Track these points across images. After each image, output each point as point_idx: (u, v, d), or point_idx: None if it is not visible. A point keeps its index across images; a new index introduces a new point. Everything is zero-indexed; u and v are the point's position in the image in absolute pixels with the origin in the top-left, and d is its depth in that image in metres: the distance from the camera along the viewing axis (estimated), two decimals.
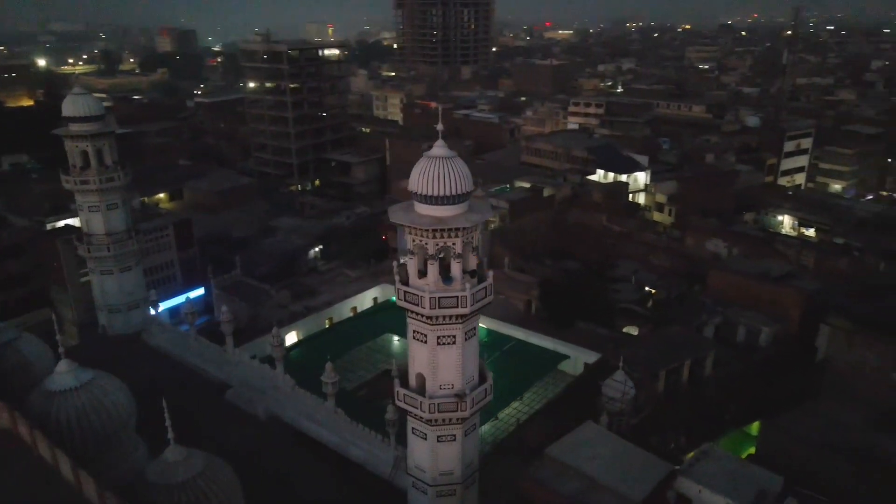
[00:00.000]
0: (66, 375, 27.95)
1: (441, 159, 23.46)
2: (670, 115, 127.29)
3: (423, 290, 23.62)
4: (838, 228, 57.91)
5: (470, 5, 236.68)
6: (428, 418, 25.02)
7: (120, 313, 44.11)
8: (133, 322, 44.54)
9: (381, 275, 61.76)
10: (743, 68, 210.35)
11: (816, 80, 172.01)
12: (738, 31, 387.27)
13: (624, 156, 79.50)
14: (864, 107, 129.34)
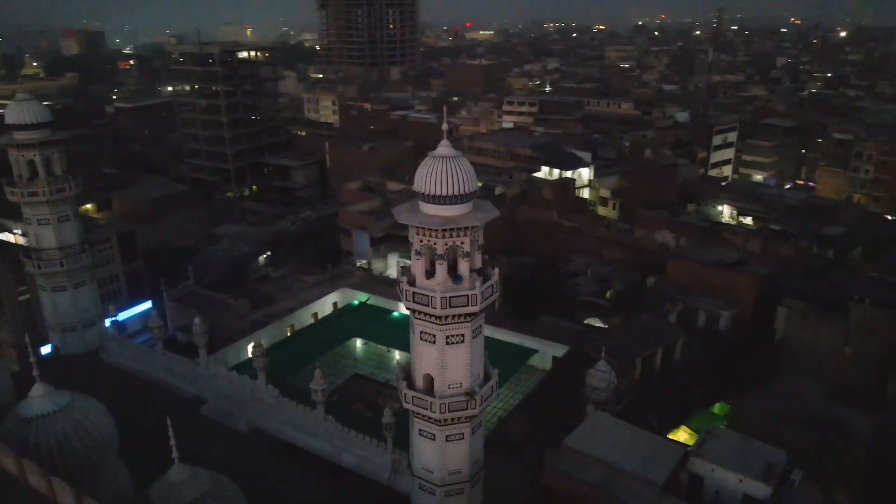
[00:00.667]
0: (42, 400, 26.44)
1: (447, 159, 23.55)
2: (600, 112, 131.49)
3: (433, 291, 23.60)
4: (773, 216, 61.64)
5: (395, 6, 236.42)
6: (438, 418, 25.04)
7: (75, 332, 41.69)
8: (89, 340, 42.19)
9: (340, 279, 61.05)
10: (661, 67, 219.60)
11: (729, 77, 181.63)
12: (651, 31, 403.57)
13: (567, 152, 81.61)
14: (776, 101, 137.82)
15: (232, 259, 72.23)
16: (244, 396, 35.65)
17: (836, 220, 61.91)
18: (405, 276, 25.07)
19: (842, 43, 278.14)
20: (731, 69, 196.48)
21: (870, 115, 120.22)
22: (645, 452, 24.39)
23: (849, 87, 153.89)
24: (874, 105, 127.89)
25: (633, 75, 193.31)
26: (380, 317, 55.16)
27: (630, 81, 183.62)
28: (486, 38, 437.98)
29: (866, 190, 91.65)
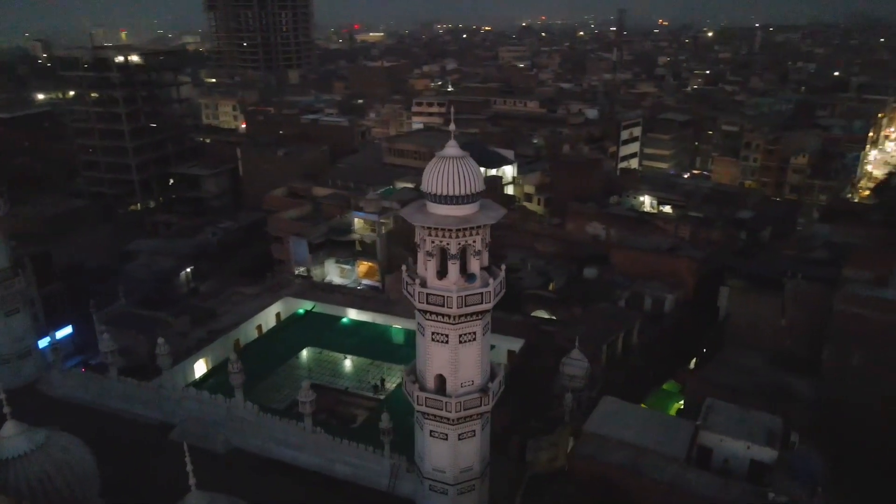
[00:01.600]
0: (17, 439, 24.27)
1: (455, 159, 23.77)
2: (508, 110, 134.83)
3: (449, 291, 23.72)
4: (691, 204, 66.15)
5: (288, 8, 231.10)
6: (453, 417, 25.19)
7: (8, 364, 38.02)
8: (25, 373, 38.63)
9: (280, 289, 59.30)
10: (554, 66, 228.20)
11: (620, 75, 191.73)
12: (538, 32, 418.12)
13: (491, 151, 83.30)
14: (665, 97, 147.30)
15: (154, 275, 68.41)
16: (219, 416, 34.03)
17: (744, 205, 67.27)
18: (412, 278, 24.98)
19: (711, 42, 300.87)
20: (620, 68, 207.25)
21: (748, 107, 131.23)
22: (659, 430, 25.78)
23: (726, 83, 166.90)
24: (750, 99, 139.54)
25: (530, 74, 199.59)
26: (329, 324, 54.23)
27: (528, 80, 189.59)
28: (377, 39, 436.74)
29: (756, 177, 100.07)
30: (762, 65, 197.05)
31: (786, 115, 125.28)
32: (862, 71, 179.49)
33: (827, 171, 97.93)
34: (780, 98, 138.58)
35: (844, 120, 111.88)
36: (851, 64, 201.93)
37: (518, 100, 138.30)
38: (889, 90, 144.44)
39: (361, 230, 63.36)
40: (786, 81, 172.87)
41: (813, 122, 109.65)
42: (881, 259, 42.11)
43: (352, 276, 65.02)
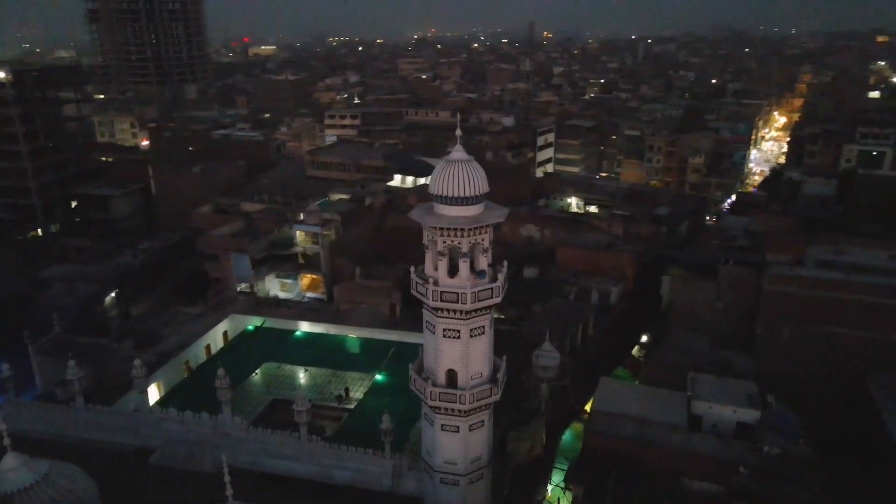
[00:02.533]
0: (20, 471, 23.46)
1: (463, 163, 25.10)
2: (420, 121, 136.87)
3: (463, 288, 24.97)
4: (615, 203, 70.69)
5: (179, 20, 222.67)
6: (467, 409, 26.40)
7: None
8: None
9: (224, 307, 58.04)
10: (455, 77, 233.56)
11: (520, 84, 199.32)
12: (434, 44, 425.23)
13: (418, 160, 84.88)
14: (567, 105, 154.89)
15: (77, 302, 64.77)
16: (203, 435, 33.30)
17: (660, 202, 72.64)
18: (423, 278, 26.02)
19: (598, 53, 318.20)
20: (520, 77, 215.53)
21: (643, 113, 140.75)
22: (657, 403, 28.17)
23: (619, 91, 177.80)
24: (643, 105, 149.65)
25: (434, 85, 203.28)
26: (282, 338, 53.72)
27: (433, 91, 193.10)
28: (269, 52, 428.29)
29: (659, 176, 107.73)
30: (649, 74, 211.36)
31: (676, 119, 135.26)
32: (734, 78, 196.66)
33: (720, 170, 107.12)
34: (670, 104, 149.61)
35: (730, 123, 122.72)
36: (725, 72, 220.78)
37: (429, 110, 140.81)
38: (761, 95, 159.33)
39: (303, 243, 62.91)
40: (671, 89, 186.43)
41: (704, 125, 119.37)
42: (792, 243, 47.40)
43: (295, 290, 64.33)
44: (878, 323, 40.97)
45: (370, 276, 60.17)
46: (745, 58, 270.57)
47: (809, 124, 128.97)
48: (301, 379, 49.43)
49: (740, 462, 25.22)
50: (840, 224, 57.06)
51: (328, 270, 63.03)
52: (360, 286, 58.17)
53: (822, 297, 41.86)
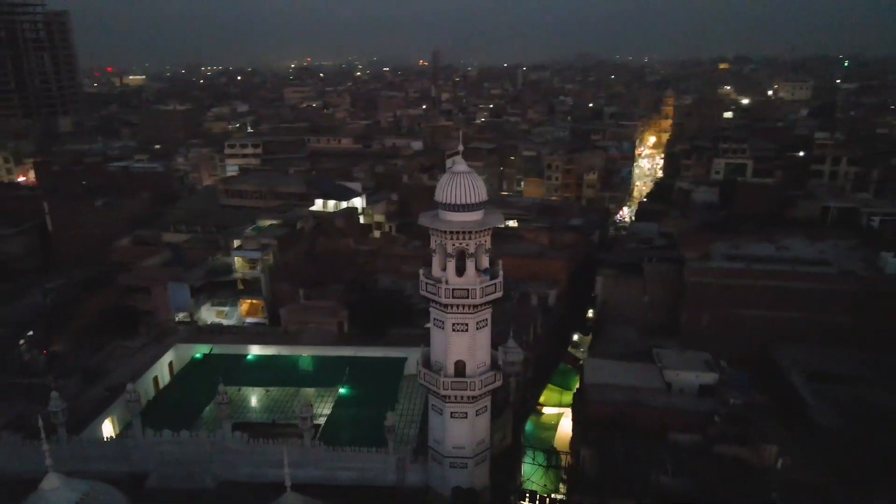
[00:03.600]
0: (62, 491, 24.14)
1: (466, 174, 28.45)
2: (324, 148, 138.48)
3: (473, 284, 28.13)
4: (531, 217, 76.39)
5: (46, 49, 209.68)
6: (476, 395, 29.39)
7: None
8: None
9: (165, 338, 57.16)
10: (345, 104, 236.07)
11: (409, 111, 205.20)
12: (316, 72, 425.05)
13: (339, 185, 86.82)
14: (464, 129, 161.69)
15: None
16: (201, 455, 33.82)
17: (570, 215, 79.32)
18: (432, 279, 28.89)
19: (479, 80, 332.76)
20: (409, 104, 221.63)
21: (535, 136, 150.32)
22: (636, 374, 32.44)
23: (509, 115, 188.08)
24: (534, 128, 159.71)
25: (327, 113, 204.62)
26: (235, 363, 53.66)
27: (326, 119, 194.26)
28: (139, 82, 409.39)
29: (559, 193, 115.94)
30: (532, 99, 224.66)
31: (565, 140, 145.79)
32: (608, 102, 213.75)
33: (611, 184, 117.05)
34: (558, 126, 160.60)
35: (615, 142, 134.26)
36: (597, 97, 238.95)
37: (332, 137, 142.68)
38: (634, 117, 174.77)
39: (242, 269, 63.05)
40: (554, 113, 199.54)
41: (593, 144, 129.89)
42: (700, 241, 54.61)
43: (233, 317, 64.06)
44: (776, 303, 48.34)
45: (313, 297, 61.44)
46: (612, 83, 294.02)
47: (680, 141, 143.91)
48: (262, 401, 49.89)
49: (714, 413, 30.11)
50: (727, 225, 65.63)
51: (269, 295, 63.51)
52: (306, 307, 59.27)
53: (732, 284, 48.79)
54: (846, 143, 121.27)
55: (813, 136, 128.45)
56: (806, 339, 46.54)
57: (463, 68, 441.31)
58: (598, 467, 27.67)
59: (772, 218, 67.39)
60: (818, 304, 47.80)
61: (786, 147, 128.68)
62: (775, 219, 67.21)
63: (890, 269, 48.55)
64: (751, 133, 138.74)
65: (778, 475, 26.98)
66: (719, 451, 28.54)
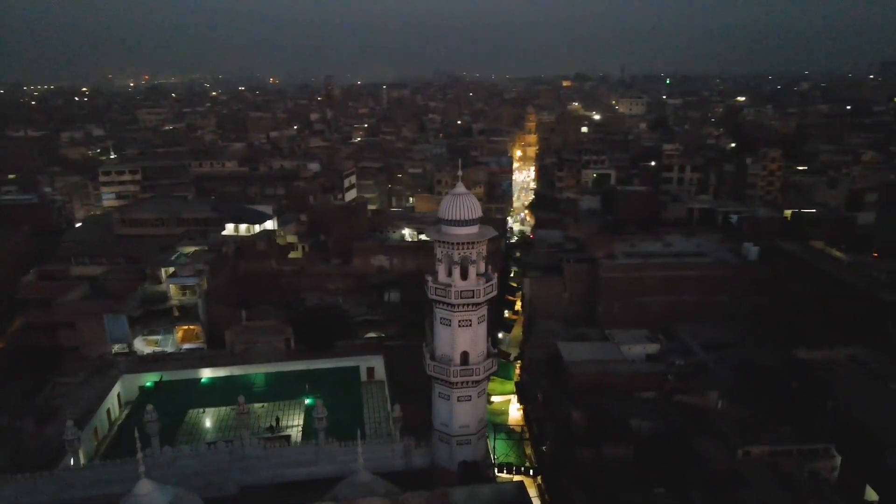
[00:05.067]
0: (154, 496, 27.21)
1: (466, 195, 34.14)
2: (208, 172, 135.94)
3: (476, 286, 33.75)
4: None
5: None
6: (480, 379, 34.94)
7: None
8: None
9: (106, 371, 56.97)
10: (211, 125, 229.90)
11: (285, 131, 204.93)
12: (167, 92, 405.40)
13: (248, 209, 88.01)
14: (342, 148, 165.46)
15: None
16: (221, 463, 36.27)
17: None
18: (441, 285, 34.12)
19: (343, 99, 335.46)
20: (279, 125, 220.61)
21: (415, 153, 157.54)
22: (600, 350, 39.37)
23: (384, 134, 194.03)
24: (414, 146, 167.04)
25: (196, 136, 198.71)
26: (191, 387, 54.94)
27: (195, 142, 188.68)
28: None
29: None
30: (402, 117, 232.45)
31: (443, 157, 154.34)
32: (474, 119, 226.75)
33: (495, 197, 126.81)
34: (434, 144, 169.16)
35: (493, 157, 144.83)
36: (462, 114, 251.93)
37: (215, 161, 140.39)
38: (503, 133, 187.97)
39: (177, 296, 63.44)
40: (425, 130, 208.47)
41: (474, 160, 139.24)
42: (603, 244, 63.94)
43: (167, 344, 64.08)
44: (671, 289, 58.36)
45: (251, 318, 63.52)
46: (472, 101, 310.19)
47: (548, 155, 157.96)
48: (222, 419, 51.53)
49: (667, 374, 37.80)
50: (617, 228, 76.20)
51: (205, 319, 64.33)
52: (250, 327, 61.40)
53: (636, 277, 58.22)
54: (686, 153, 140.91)
55: (661, 147, 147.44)
56: (697, 317, 56.76)
57: (322, 88, 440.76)
58: (587, 424, 34.22)
59: (648, 220, 79.12)
60: (702, 287, 58.41)
61: (637, 157, 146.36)
62: (651, 220, 78.97)
63: (751, 257, 60.43)
64: (606, 146, 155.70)
65: (720, 413, 35.23)
66: (677, 401, 36.43)
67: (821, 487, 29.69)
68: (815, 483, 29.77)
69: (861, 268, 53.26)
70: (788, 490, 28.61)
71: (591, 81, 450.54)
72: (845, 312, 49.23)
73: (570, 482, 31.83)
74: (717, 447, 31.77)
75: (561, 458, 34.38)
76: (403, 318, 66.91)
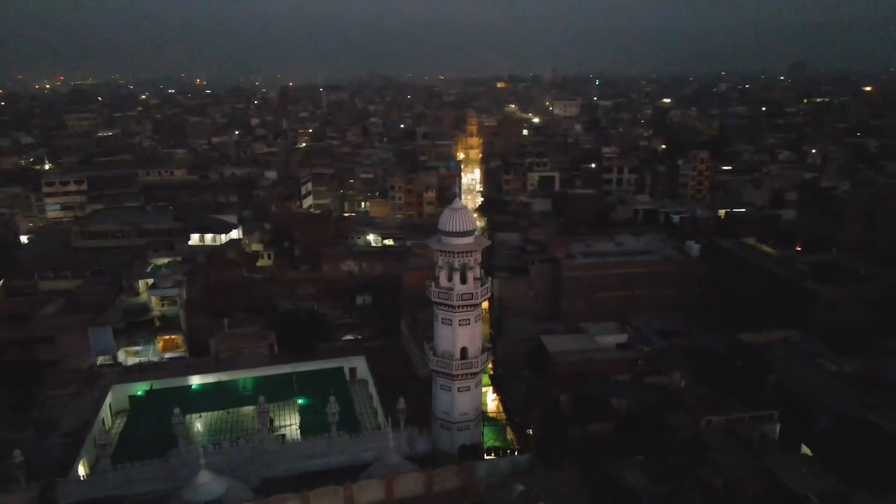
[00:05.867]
0: (211, 485, 30.66)
1: (463, 210, 38.62)
2: (157, 181, 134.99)
3: (475, 289, 38.29)
4: (407, 235, 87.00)
5: None
6: (477, 371, 39.51)
7: None
8: None
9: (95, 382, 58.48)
10: (147, 131, 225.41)
11: (225, 137, 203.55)
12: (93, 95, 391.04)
13: (213, 218, 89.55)
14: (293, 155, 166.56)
15: None
16: (241, 459, 39.44)
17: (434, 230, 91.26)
18: (444, 288, 38.48)
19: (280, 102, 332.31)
20: (219, 130, 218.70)
21: (362, 157, 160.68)
22: (580, 341, 44.49)
23: (329, 139, 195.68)
24: (363, 150, 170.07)
25: (134, 143, 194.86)
26: (183, 393, 57.07)
27: (134, 149, 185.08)
28: None
29: (403, 210, 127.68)
30: (346, 121, 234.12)
31: (391, 161, 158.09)
32: (416, 123, 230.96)
33: (446, 200, 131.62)
34: (381, 148, 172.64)
35: (442, 161, 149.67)
36: (403, 117, 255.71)
37: (164, 169, 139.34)
38: (446, 137, 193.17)
39: (157, 306, 65.14)
40: (369, 134, 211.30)
41: (424, 165, 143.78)
42: (562, 245, 69.73)
43: (148, 354, 65.65)
44: (626, 284, 64.63)
45: (234, 324, 66.00)
46: (411, 103, 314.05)
47: (492, 158, 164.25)
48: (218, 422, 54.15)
49: (638, 359, 43.34)
50: (570, 229, 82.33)
51: (187, 328, 66.26)
52: (234, 334, 63.85)
53: (595, 274, 64.19)
54: (622, 155, 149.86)
55: (598, 149, 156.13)
56: (649, 309, 63.21)
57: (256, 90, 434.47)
58: (573, 405, 39.25)
59: (598, 221, 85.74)
60: (652, 282, 64.99)
61: (576, 159, 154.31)
62: (600, 222, 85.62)
63: (693, 253, 67.49)
64: (547, 148, 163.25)
65: (684, 390, 41.06)
66: (647, 382, 42.00)
67: (768, 446, 35.79)
68: (763, 443, 35.84)
69: (788, 261, 60.91)
70: (743, 449, 34.53)
71: (525, 83, 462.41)
72: (776, 300, 56.54)
73: (560, 457, 36.81)
74: (683, 419, 37.50)
75: (549, 438, 39.29)
76: (378, 321, 70.70)
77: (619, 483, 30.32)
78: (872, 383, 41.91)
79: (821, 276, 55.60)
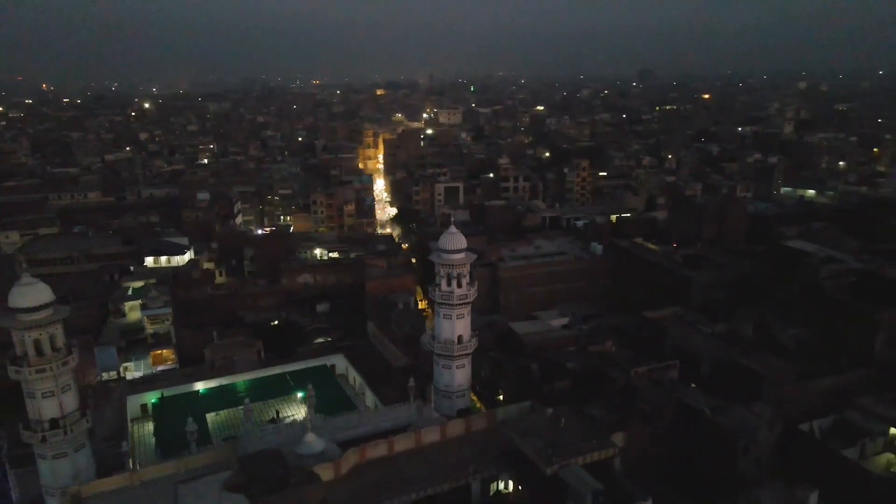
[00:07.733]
0: (316, 442, 42.39)
1: (457, 233, 52.02)
2: (70, 204, 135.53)
3: (469, 292, 51.82)
4: (348, 247, 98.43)
5: None
6: (470, 352, 53.07)
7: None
8: None
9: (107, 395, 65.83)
10: (24, 150, 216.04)
11: (119, 155, 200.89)
12: None
13: (165, 241, 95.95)
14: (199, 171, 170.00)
15: None
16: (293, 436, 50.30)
17: (369, 242, 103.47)
18: (444, 292, 51.67)
19: (161, 114, 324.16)
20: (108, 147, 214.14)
21: (273, 173, 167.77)
22: (536, 324, 59.05)
23: (233, 154, 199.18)
24: (273, 165, 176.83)
25: (16, 163, 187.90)
26: (193, 397, 65.87)
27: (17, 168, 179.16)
28: None
29: (325, 224, 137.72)
30: (243, 135, 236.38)
31: (301, 176, 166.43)
32: (311, 135, 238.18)
33: (362, 212, 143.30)
34: (290, 163, 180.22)
35: (355, 175, 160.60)
36: (295, 128, 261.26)
37: (76, 193, 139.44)
38: (345, 150, 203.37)
39: (149, 325, 72.48)
40: (268, 148, 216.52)
41: (339, 179, 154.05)
42: (493, 250, 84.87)
43: (140, 368, 72.78)
44: (548, 281, 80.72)
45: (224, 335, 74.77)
46: (298, 114, 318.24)
47: (396, 170, 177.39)
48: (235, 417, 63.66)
49: (580, 335, 58.56)
50: (493, 236, 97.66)
51: (177, 342, 74.01)
52: (224, 344, 72.87)
53: (524, 273, 79.78)
54: (514, 164, 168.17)
55: (492, 159, 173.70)
56: (568, 300, 79.71)
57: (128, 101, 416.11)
58: (540, 370, 53.72)
59: (513, 228, 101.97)
60: (568, 277, 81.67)
61: (472, 169, 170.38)
62: (515, 228, 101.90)
63: (598, 253, 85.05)
64: (444, 159, 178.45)
65: (615, 353, 56.97)
66: (590, 350, 57.42)
67: (673, 386, 52.43)
68: (671, 383, 52.41)
69: (668, 255, 79.80)
70: (659, 388, 50.84)
71: (403, 90, 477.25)
72: (663, 286, 74.86)
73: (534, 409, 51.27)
74: (618, 373, 53.16)
75: (520, 397, 53.65)
76: (342, 325, 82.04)
77: (587, 414, 45.05)
78: (733, 339, 60.22)
79: (692, 266, 74.62)
